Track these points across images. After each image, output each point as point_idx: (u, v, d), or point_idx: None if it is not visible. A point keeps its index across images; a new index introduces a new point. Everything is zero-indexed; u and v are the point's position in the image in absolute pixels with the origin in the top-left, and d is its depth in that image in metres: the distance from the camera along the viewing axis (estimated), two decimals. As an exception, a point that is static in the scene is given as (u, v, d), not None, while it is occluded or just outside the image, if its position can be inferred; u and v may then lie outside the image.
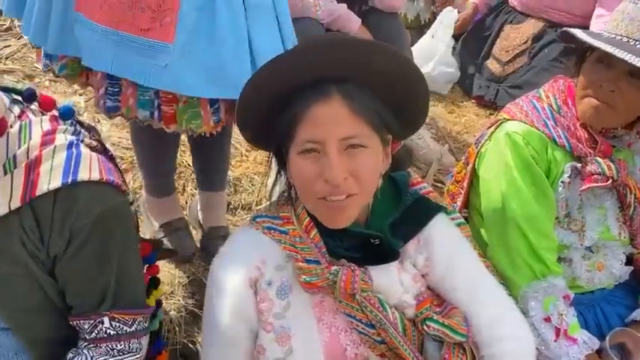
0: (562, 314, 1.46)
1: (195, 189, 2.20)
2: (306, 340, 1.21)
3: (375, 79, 1.15)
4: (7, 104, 1.16)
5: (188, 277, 1.94)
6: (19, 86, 1.24)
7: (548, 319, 1.47)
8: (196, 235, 2.07)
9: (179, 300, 1.88)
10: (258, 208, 2.21)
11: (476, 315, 1.25)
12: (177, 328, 1.84)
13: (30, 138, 1.12)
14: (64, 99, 2.60)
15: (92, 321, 1.19)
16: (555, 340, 1.46)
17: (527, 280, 1.49)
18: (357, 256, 1.21)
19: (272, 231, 1.24)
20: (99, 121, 2.53)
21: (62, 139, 1.14)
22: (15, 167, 1.10)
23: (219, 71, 1.39)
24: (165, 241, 1.94)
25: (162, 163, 1.94)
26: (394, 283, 1.24)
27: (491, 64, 3.16)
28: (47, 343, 1.22)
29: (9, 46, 3.01)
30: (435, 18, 3.35)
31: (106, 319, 1.19)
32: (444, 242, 1.27)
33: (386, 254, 1.22)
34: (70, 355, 1.21)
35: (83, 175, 1.11)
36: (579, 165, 1.52)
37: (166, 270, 1.94)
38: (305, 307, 1.22)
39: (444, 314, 1.25)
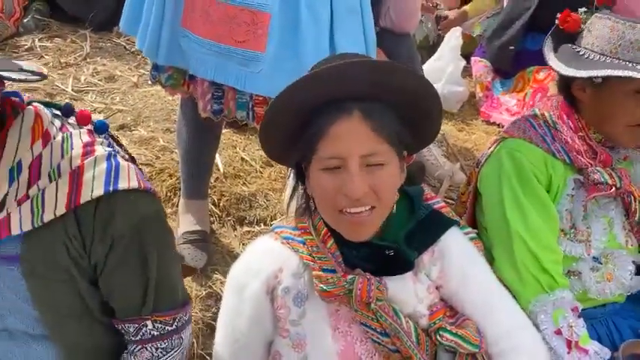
0: (572, 326, 1.47)
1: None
2: (320, 347, 1.25)
3: (392, 97, 1.19)
4: (50, 117, 1.24)
5: (205, 290, 1.98)
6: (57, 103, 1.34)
7: (559, 332, 1.48)
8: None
9: (196, 313, 1.91)
10: (272, 222, 2.26)
11: (489, 327, 1.28)
12: (194, 341, 1.86)
13: (72, 148, 1.19)
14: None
15: (137, 325, 1.27)
16: (568, 353, 1.47)
17: (535, 294, 1.51)
18: (372, 266, 1.24)
19: (290, 241, 1.29)
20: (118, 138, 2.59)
21: (101, 150, 1.22)
22: (59, 176, 1.17)
23: None
24: (180, 248, 2.01)
25: (200, 160, 2.08)
26: (409, 293, 1.26)
27: None
28: (83, 352, 1.28)
29: (31, 66, 3.10)
30: (442, 38, 3.42)
31: (149, 322, 1.26)
32: (457, 255, 1.30)
33: (400, 265, 1.25)
34: None
35: (123, 185, 1.18)
36: (582, 177, 1.56)
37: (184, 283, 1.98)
38: (321, 316, 1.25)
39: (457, 325, 1.27)
